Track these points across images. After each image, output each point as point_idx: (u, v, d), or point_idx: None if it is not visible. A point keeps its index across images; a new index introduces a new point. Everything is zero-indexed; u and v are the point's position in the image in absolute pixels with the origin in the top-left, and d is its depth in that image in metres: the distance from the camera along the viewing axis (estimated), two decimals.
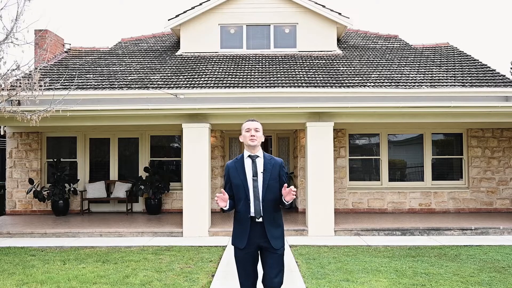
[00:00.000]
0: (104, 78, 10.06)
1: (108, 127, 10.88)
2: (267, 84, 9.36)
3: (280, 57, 11.50)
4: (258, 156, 3.52)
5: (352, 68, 10.48)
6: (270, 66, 10.72)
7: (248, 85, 9.35)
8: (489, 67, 10.44)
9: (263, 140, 3.58)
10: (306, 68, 10.51)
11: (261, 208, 3.41)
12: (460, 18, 54.80)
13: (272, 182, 3.46)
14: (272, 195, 3.45)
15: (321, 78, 9.72)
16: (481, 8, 52.70)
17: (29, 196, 11.22)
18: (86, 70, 10.73)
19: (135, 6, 56.75)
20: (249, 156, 3.52)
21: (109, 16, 57.39)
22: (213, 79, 9.74)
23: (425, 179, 11.26)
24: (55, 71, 10.65)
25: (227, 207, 3.49)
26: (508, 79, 9.68)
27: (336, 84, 9.32)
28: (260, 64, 10.94)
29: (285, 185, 3.38)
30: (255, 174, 3.46)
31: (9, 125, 10.34)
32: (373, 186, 11.30)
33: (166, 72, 10.43)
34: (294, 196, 3.34)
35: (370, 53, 11.98)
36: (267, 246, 3.43)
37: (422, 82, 9.45)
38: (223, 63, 10.98)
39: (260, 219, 3.43)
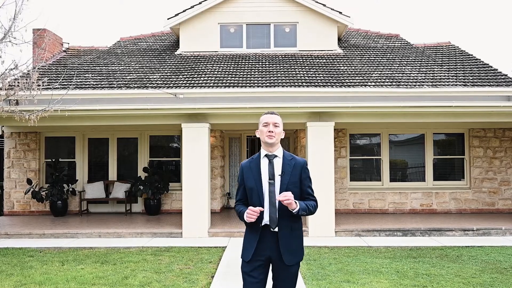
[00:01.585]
0: (103, 77, 10.00)
1: (107, 127, 10.82)
2: (267, 84, 9.30)
3: (280, 56, 11.44)
4: (276, 156, 3.06)
5: (353, 68, 10.42)
6: (270, 65, 10.66)
7: (248, 84, 9.29)
8: (491, 67, 10.37)
9: (282, 137, 3.11)
10: (307, 67, 10.45)
11: (277, 216, 2.95)
12: (462, 18, 54.79)
13: (291, 187, 2.97)
14: None
15: (322, 78, 9.66)
16: (482, 8, 52.70)
17: (27, 196, 11.16)
18: (84, 69, 10.66)
19: (134, 5, 56.72)
20: (266, 155, 3.06)
21: (108, 16, 57.36)
22: (213, 78, 9.68)
23: (427, 179, 11.21)
24: (54, 70, 10.59)
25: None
26: (510, 78, 9.61)
27: (337, 84, 9.26)
28: (260, 63, 10.87)
29: (283, 193, 2.86)
30: (271, 177, 2.98)
31: (7, 125, 10.29)
32: (374, 186, 11.24)
33: (166, 71, 10.36)
34: (289, 201, 2.83)
35: (371, 52, 11.92)
36: (279, 260, 2.98)
37: (423, 82, 9.39)
38: (222, 63, 10.92)
39: (276, 229, 2.96)
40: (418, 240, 8.19)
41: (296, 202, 2.88)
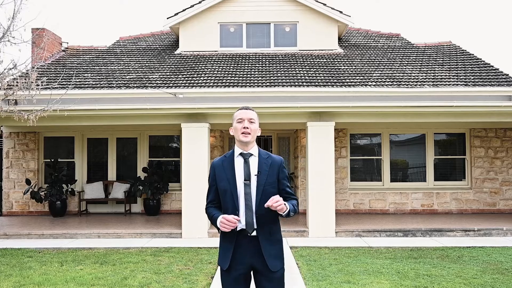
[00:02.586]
0: (102, 77, 9.96)
1: (106, 127, 10.78)
2: (267, 84, 9.25)
3: (280, 56, 11.39)
4: (251, 155, 2.84)
5: (354, 67, 10.37)
6: (270, 65, 10.61)
7: (248, 84, 9.24)
8: (492, 66, 10.33)
9: (259, 134, 2.91)
10: (307, 67, 10.41)
11: (255, 220, 2.75)
12: (463, 17, 54.76)
13: (268, 188, 2.76)
14: None
15: (322, 77, 9.61)
16: (483, 7, 52.65)
17: (26, 196, 11.12)
18: (84, 69, 10.62)
19: (134, 5, 56.66)
20: (241, 154, 2.84)
21: (107, 15, 57.31)
22: (213, 78, 9.64)
23: (427, 179, 11.17)
24: (53, 70, 10.54)
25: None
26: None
27: (337, 83, 9.21)
28: (260, 63, 10.83)
29: (272, 198, 2.63)
30: (247, 177, 2.76)
31: (6, 124, 10.24)
32: (374, 186, 11.20)
33: (165, 71, 10.32)
34: (280, 205, 2.62)
35: (372, 52, 11.88)
36: (262, 268, 2.75)
37: (424, 81, 9.35)
38: (222, 62, 10.87)
39: (254, 233, 2.75)
40: (419, 240, 8.15)
41: (285, 204, 2.69)
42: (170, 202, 11.42)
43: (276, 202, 2.61)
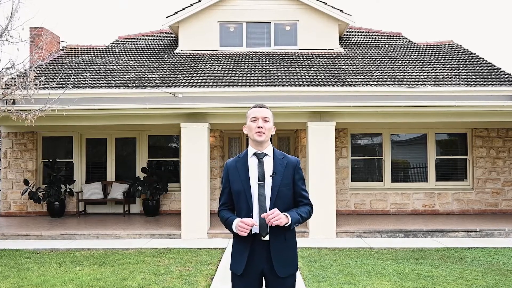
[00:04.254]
0: (101, 76, 9.90)
1: (105, 127, 10.73)
2: (268, 83, 9.20)
3: (280, 55, 11.33)
4: (266, 155, 2.74)
5: (354, 67, 10.32)
6: (271, 64, 10.55)
7: (248, 83, 9.19)
8: (494, 66, 10.27)
9: (273, 133, 2.80)
10: (307, 66, 10.35)
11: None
12: (464, 16, 54.72)
13: (283, 189, 2.67)
14: (283, 206, 2.66)
15: (323, 77, 9.55)
16: (485, 6, 52.61)
17: (24, 197, 11.07)
18: (82, 68, 10.56)
19: (133, 4, 56.62)
20: (255, 154, 2.74)
21: (106, 15, 57.26)
22: (212, 77, 9.58)
23: (429, 179, 11.12)
24: (51, 69, 10.48)
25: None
26: None
27: (338, 83, 9.15)
28: (260, 62, 10.77)
29: (270, 212, 2.55)
30: (261, 178, 2.67)
31: (4, 124, 10.20)
32: (375, 187, 11.15)
33: (164, 70, 10.26)
34: (279, 220, 2.54)
35: (373, 51, 11.82)
36: (274, 273, 2.66)
37: (425, 81, 9.29)
38: (222, 61, 10.81)
39: (267, 237, 2.65)
40: (420, 241, 8.11)
41: (287, 216, 2.60)
42: (170, 203, 11.37)
43: (273, 216, 2.52)
